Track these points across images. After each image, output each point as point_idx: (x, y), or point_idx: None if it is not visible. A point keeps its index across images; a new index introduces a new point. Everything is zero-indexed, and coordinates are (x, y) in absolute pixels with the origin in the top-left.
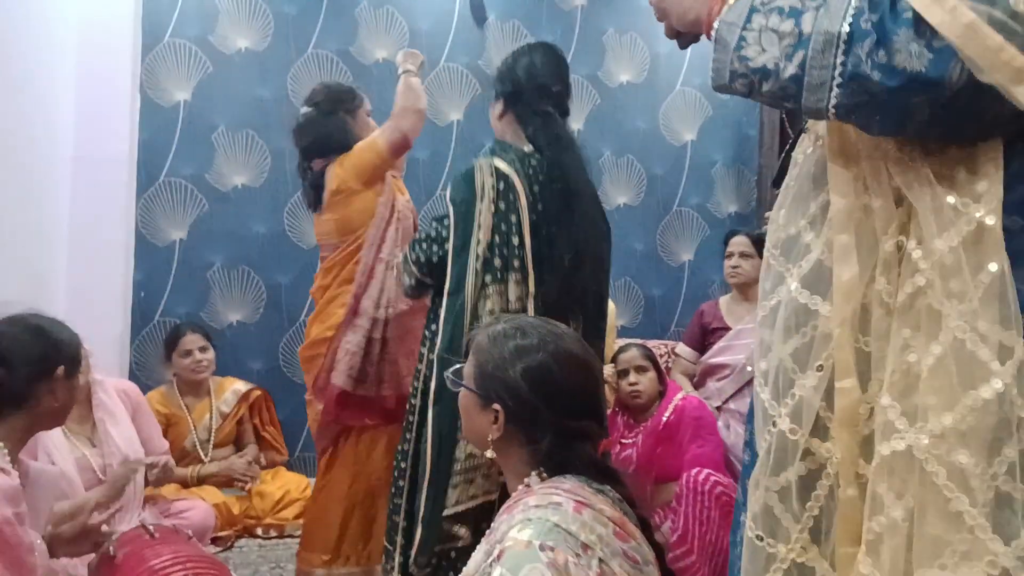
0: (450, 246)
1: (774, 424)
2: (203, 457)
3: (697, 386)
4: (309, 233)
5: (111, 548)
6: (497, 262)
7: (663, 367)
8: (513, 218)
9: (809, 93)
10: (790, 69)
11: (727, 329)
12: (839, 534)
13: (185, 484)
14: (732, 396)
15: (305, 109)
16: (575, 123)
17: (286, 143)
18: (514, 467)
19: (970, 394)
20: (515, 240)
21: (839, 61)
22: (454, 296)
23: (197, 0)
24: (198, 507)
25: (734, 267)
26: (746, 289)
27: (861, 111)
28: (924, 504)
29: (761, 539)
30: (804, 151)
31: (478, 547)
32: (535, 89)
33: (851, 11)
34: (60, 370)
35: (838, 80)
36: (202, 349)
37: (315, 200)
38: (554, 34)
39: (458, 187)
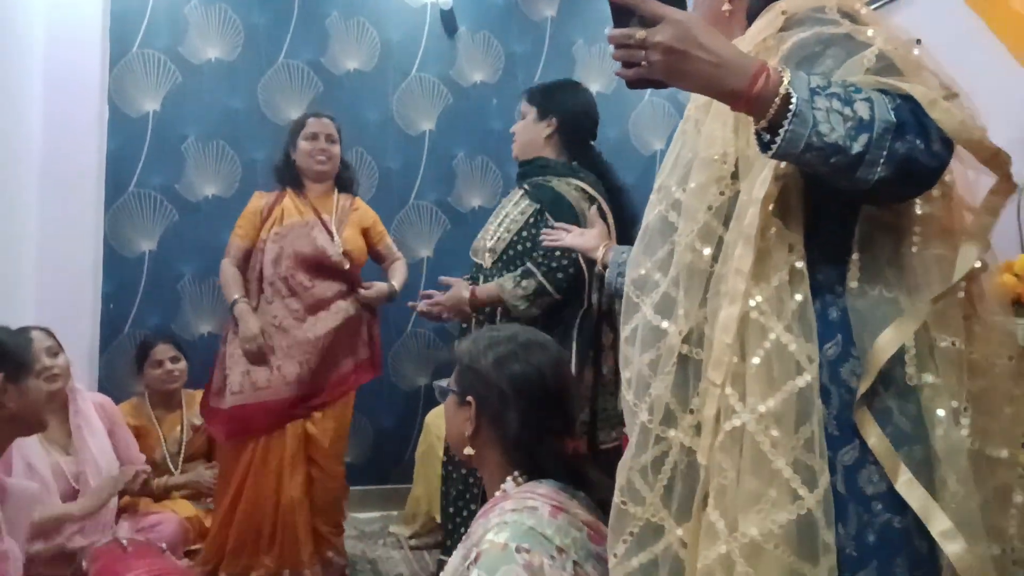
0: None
1: (636, 418)
2: (172, 470)
3: None
4: None
5: (83, 563)
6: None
7: None
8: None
9: (864, 168)
10: (856, 148)
11: None
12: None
13: (153, 495)
14: None
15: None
16: None
17: (257, 153)
18: (490, 470)
19: (789, 383)
20: None
21: (889, 145)
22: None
23: (167, 10)
24: (170, 520)
25: None
26: None
27: (896, 183)
28: (747, 466)
29: (624, 504)
30: (653, 208)
31: (455, 552)
32: (591, 123)
33: (890, 104)
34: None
35: (885, 160)
36: (173, 359)
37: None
38: (524, 44)
39: (562, 215)
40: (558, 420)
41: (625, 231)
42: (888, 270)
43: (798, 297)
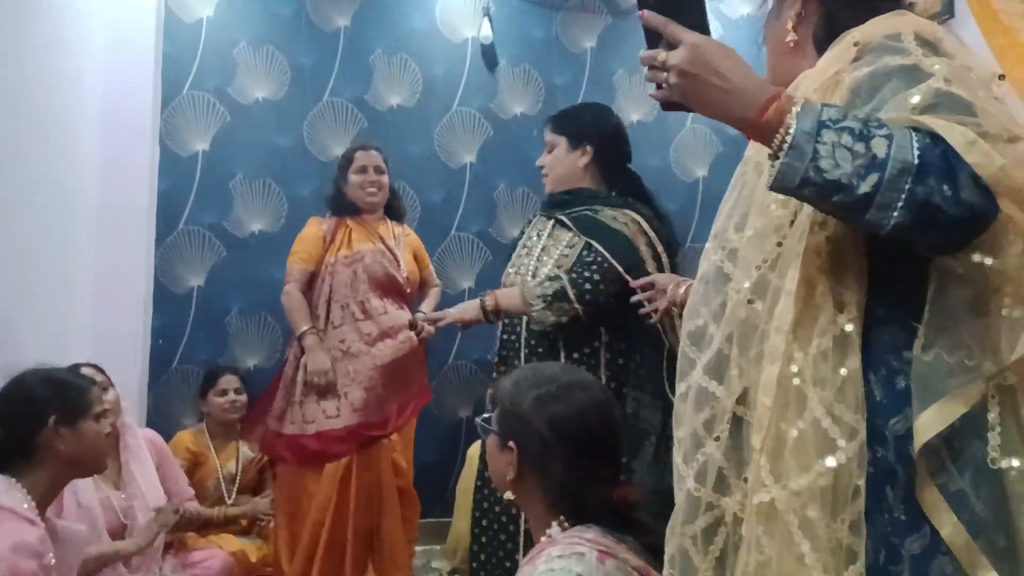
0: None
1: (684, 483)
2: (227, 499)
3: None
4: None
5: None
6: None
7: None
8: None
9: (876, 210)
10: (863, 187)
11: None
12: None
13: (211, 524)
14: None
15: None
16: None
17: (303, 189)
18: (536, 514)
19: (819, 462)
20: None
21: (908, 188)
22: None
23: (216, 53)
24: (216, 556)
25: None
26: None
27: (916, 230)
28: (782, 546)
29: None
30: (708, 256)
31: None
32: (626, 144)
33: (917, 144)
34: (52, 420)
35: (903, 204)
36: (237, 391)
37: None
38: (564, 76)
39: (619, 250)
40: (603, 467)
41: (671, 262)
42: (964, 334)
43: (843, 369)
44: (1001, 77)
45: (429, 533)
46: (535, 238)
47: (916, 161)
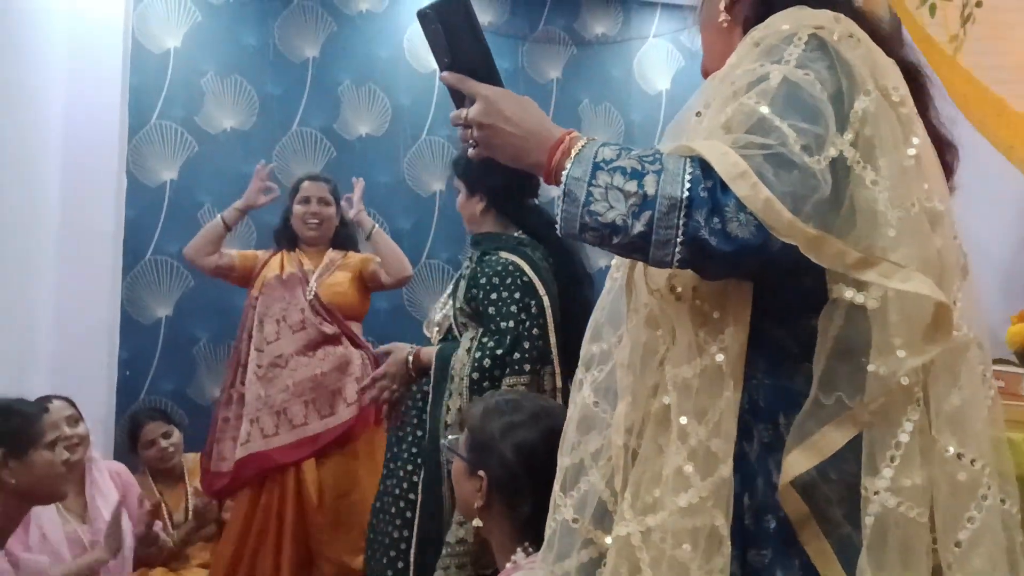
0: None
1: (558, 513)
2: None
3: None
4: None
5: None
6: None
7: None
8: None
9: (656, 249)
10: (638, 227)
11: None
12: None
13: (174, 555)
14: None
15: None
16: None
17: (271, 218)
18: (500, 541)
19: (672, 499)
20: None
21: (681, 223)
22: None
23: (183, 82)
24: None
25: None
26: None
27: (700, 265)
28: None
29: None
30: (610, 276)
31: None
32: (520, 184)
33: (688, 177)
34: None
35: (680, 239)
36: (165, 435)
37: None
38: None
39: (503, 284)
40: None
41: (570, 295)
42: (845, 376)
43: (725, 395)
44: (866, 93)
45: None
46: (458, 279)
47: (684, 195)
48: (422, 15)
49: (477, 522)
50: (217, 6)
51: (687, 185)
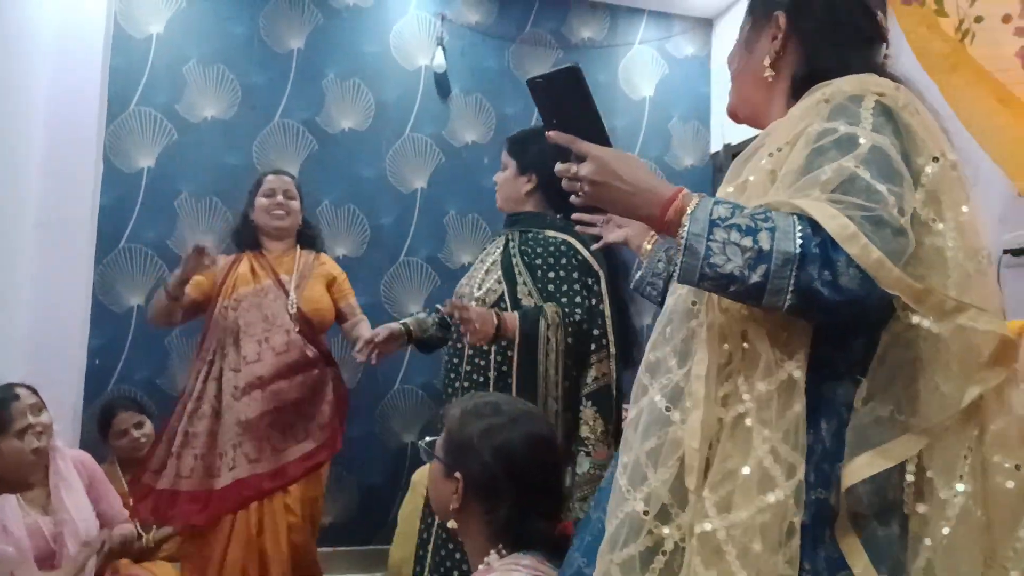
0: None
1: (627, 504)
2: (144, 534)
3: None
4: None
5: None
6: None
7: None
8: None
9: (769, 296)
10: (754, 278)
11: None
12: None
13: (141, 555)
14: None
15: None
16: None
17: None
18: (475, 543)
19: (759, 498)
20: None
21: (793, 275)
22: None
23: (165, 69)
24: None
25: None
26: None
27: (806, 310)
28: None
29: None
30: (675, 291)
31: None
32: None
33: (799, 235)
34: None
35: (792, 289)
36: (137, 425)
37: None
38: (516, 106)
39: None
40: (546, 500)
41: (617, 295)
42: (899, 391)
43: (795, 408)
44: (935, 159)
45: (371, 561)
46: (494, 254)
47: (797, 251)
48: (533, 84)
49: (452, 523)
50: None
51: (799, 241)
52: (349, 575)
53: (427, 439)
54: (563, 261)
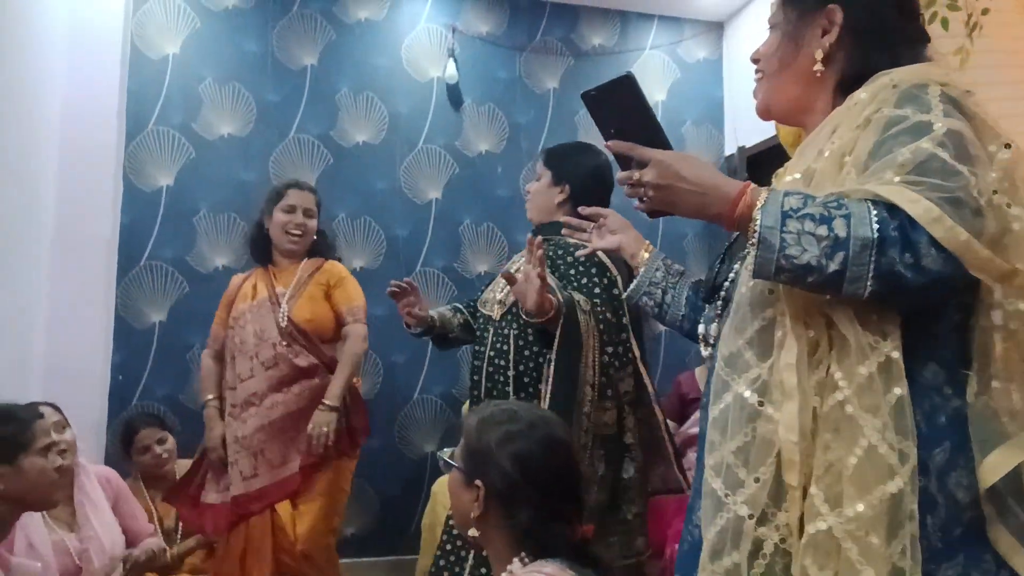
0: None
1: (727, 510)
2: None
3: None
4: None
5: None
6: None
7: None
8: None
9: (849, 284)
10: (832, 266)
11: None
12: None
13: (166, 570)
14: None
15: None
16: None
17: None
18: (497, 551)
19: (879, 488)
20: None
21: (873, 261)
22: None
23: (182, 89)
24: None
25: None
26: None
27: (890, 295)
28: (841, 574)
29: None
30: (745, 282)
31: None
32: (602, 188)
33: (875, 219)
34: None
35: (872, 274)
36: (160, 441)
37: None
38: (527, 116)
39: (580, 271)
40: (567, 505)
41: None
42: (1016, 381)
43: (891, 395)
44: (1007, 146)
45: (394, 571)
46: (519, 262)
47: (875, 236)
48: (588, 98)
49: (473, 532)
50: (216, 13)
51: (876, 226)
52: None
53: (444, 451)
54: (591, 270)
